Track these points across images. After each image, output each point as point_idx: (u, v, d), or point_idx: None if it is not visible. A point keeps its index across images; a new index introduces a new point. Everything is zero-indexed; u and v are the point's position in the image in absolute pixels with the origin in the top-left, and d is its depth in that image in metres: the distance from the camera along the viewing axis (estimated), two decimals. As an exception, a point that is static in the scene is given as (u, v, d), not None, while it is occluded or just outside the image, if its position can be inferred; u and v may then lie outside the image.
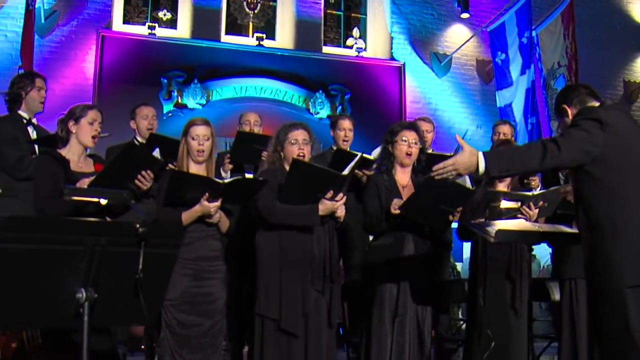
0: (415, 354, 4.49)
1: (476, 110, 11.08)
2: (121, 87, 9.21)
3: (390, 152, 4.69)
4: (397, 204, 4.41)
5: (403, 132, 4.65)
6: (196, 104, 9.60)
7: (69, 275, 2.18)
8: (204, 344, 4.12)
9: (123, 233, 2.24)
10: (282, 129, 4.48)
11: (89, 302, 2.19)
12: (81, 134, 4.16)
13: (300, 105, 10.14)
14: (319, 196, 4.21)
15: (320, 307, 4.30)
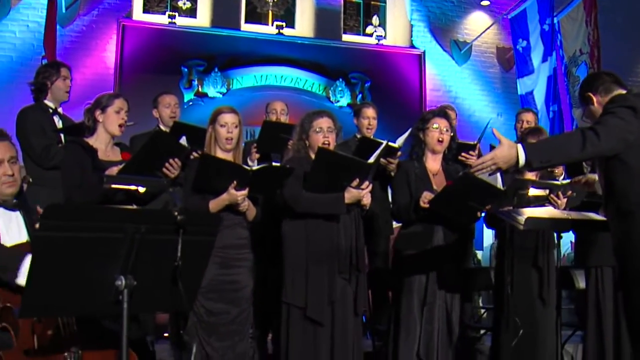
0: (443, 342, 4.47)
1: (496, 98, 11.02)
2: (142, 76, 9.23)
3: (422, 139, 4.67)
4: (427, 198, 4.38)
5: (434, 119, 4.63)
6: (217, 92, 9.61)
7: (109, 263, 2.19)
8: (231, 331, 4.13)
9: (162, 221, 2.25)
10: (307, 117, 4.46)
11: (128, 289, 2.20)
12: (108, 122, 4.17)
13: (321, 94, 10.12)
14: (345, 184, 4.19)
15: (347, 296, 4.29)
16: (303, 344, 4.23)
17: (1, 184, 3.07)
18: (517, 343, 4.57)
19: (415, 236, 4.58)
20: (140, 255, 2.22)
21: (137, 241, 2.20)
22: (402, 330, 4.50)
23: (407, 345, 4.47)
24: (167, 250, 2.27)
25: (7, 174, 3.06)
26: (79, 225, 2.08)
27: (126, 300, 2.19)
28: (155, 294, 2.34)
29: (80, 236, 2.09)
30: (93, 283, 2.20)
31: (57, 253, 2.10)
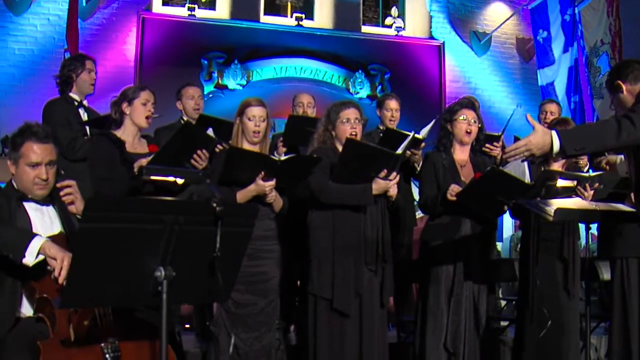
0: (471, 334, 4.47)
1: (516, 89, 10.98)
2: (162, 69, 9.26)
3: (450, 130, 4.65)
4: (454, 191, 4.37)
5: (462, 110, 4.61)
6: (236, 84, 9.63)
7: (148, 254, 2.20)
8: (259, 322, 4.14)
9: (201, 212, 2.26)
10: (333, 108, 4.44)
11: (167, 280, 2.21)
12: (135, 115, 4.19)
13: (340, 85, 10.12)
14: (372, 175, 4.19)
15: (373, 287, 4.29)
16: (330, 335, 4.24)
17: (33, 184, 3.07)
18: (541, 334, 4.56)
19: (443, 227, 4.57)
20: (178, 246, 2.23)
21: (176, 232, 2.21)
22: (429, 321, 4.49)
23: (434, 337, 4.46)
24: (205, 241, 2.28)
25: (41, 177, 3.06)
26: (120, 217, 2.09)
27: (165, 291, 2.20)
28: (193, 285, 2.36)
29: (121, 227, 2.10)
30: (132, 274, 2.21)
31: (98, 244, 2.12)
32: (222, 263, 2.29)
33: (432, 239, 4.60)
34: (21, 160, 3.05)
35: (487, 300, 4.74)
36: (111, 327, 2.77)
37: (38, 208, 3.11)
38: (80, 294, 2.16)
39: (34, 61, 9.35)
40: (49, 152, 3.10)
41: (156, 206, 2.20)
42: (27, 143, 3.06)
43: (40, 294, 2.80)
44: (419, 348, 4.59)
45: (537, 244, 4.68)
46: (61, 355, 2.64)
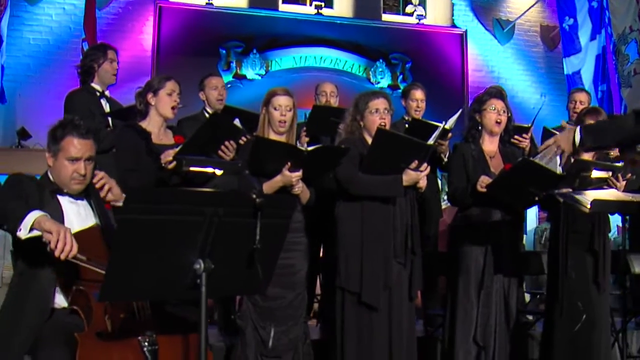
0: (501, 327, 4.46)
1: (540, 78, 10.91)
2: (180, 59, 9.28)
3: (479, 120, 4.65)
4: (484, 182, 4.37)
5: (491, 100, 4.60)
6: (255, 74, 9.64)
7: (187, 247, 2.22)
8: (286, 316, 4.15)
9: (240, 204, 2.27)
10: (361, 98, 4.43)
11: (206, 272, 2.22)
12: (160, 105, 4.21)
13: (361, 75, 10.11)
14: (403, 166, 4.18)
15: (402, 280, 4.29)
16: (358, 329, 4.25)
17: (71, 179, 3.08)
18: (571, 329, 4.54)
19: (472, 219, 4.58)
20: (217, 239, 2.24)
21: (215, 224, 2.22)
22: (458, 314, 4.50)
23: (463, 330, 4.47)
24: (244, 233, 2.30)
25: (79, 172, 3.07)
26: (161, 208, 2.10)
27: (204, 283, 2.22)
28: (231, 278, 2.37)
29: (161, 219, 2.11)
30: (171, 267, 2.22)
31: (138, 236, 2.13)
32: (261, 255, 2.30)
33: (461, 231, 4.60)
34: (60, 153, 3.07)
35: (516, 293, 4.74)
36: (149, 320, 2.79)
37: (72, 202, 3.13)
38: (119, 287, 2.17)
39: (49, 51, 9.40)
40: (89, 147, 3.11)
41: (196, 198, 2.21)
42: (68, 137, 3.07)
43: (78, 286, 2.82)
44: (448, 342, 4.60)
45: (566, 236, 4.66)
46: (98, 347, 2.66)
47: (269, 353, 4.14)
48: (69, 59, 9.27)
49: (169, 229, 2.15)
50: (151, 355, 2.66)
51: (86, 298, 2.77)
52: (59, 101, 8.87)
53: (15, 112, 9.17)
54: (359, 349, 4.25)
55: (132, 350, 2.67)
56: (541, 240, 8.96)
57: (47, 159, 3.12)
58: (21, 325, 2.82)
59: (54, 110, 8.82)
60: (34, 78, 9.28)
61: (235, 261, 2.33)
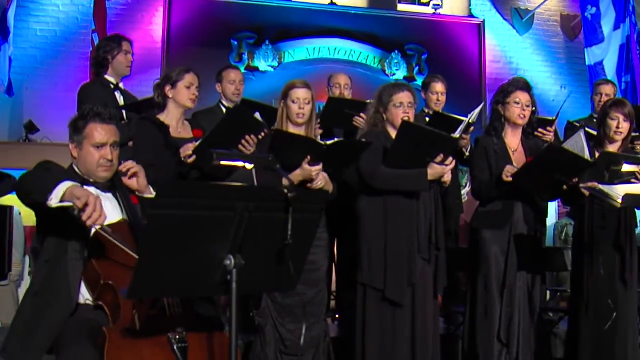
0: (525, 325, 4.48)
1: (560, 69, 10.86)
2: (190, 50, 9.28)
3: (501, 113, 4.65)
4: (510, 171, 4.38)
5: (516, 93, 4.60)
6: (268, 66, 9.63)
7: (218, 242, 2.23)
8: (307, 313, 4.19)
9: (271, 198, 2.29)
10: (385, 90, 4.45)
11: (237, 268, 2.24)
12: (178, 98, 4.23)
13: (375, 66, 10.09)
14: (427, 160, 4.19)
15: (426, 276, 4.32)
16: (380, 326, 4.27)
17: (98, 166, 3.10)
18: (597, 327, 4.54)
19: (494, 215, 4.60)
20: (248, 234, 2.26)
21: (246, 219, 2.24)
22: (479, 312, 4.53)
23: (486, 328, 4.49)
24: (275, 228, 2.31)
25: (106, 157, 3.10)
26: (192, 203, 2.12)
27: (235, 279, 2.23)
28: (261, 274, 2.39)
29: (192, 214, 2.13)
30: (201, 263, 2.24)
31: (168, 231, 2.15)
32: (292, 251, 2.31)
33: (483, 226, 4.62)
34: (85, 141, 3.10)
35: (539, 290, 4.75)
36: (179, 316, 2.81)
37: (99, 194, 3.10)
38: (148, 283, 2.19)
39: (56, 42, 9.40)
40: (113, 132, 3.17)
41: (228, 192, 2.23)
42: (90, 124, 3.12)
43: (105, 280, 2.84)
44: (469, 340, 4.61)
45: (592, 231, 4.66)
46: (127, 343, 2.67)
47: (289, 351, 4.17)
48: (76, 51, 9.31)
49: (200, 223, 2.17)
50: (180, 353, 2.67)
51: (113, 293, 2.79)
52: (66, 93, 8.97)
53: (22, 105, 9.19)
54: (381, 347, 4.27)
55: (161, 347, 2.69)
56: (561, 235, 8.95)
57: (71, 151, 3.16)
58: (44, 319, 2.84)
59: (62, 103, 8.93)
60: (41, 70, 9.30)
61: (266, 257, 2.35)
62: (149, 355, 2.68)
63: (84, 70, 9.06)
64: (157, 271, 2.19)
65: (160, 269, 2.19)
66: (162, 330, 2.71)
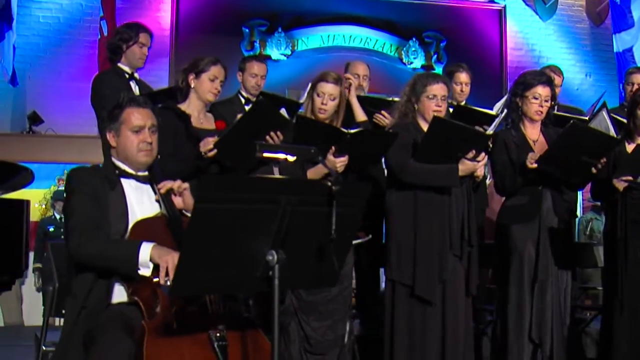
0: (557, 322, 4.48)
1: (585, 57, 10.86)
2: (200, 38, 9.32)
3: (519, 105, 4.65)
4: (534, 157, 4.39)
5: (537, 88, 4.55)
6: (280, 54, 9.66)
7: (261, 237, 2.26)
8: (332, 310, 4.20)
9: (315, 191, 2.31)
10: (420, 79, 4.45)
11: (279, 264, 2.27)
12: (200, 89, 4.22)
13: (392, 55, 10.12)
14: (459, 155, 4.21)
15: (458, 274, 4.33)
16: (409, 325, 4.28)
17: (138, 151, 3.15)
18: (633, 327, 4.54)
19: (521, 208, 4.58)
20: (291, 228, 2.28)
21: (289, 213, 2.26)
22: (510, 310, 4.51)
23: (517, 326, 4.47)
24: (318, 222, 2.33)
25: (146, 141, 3.15)
26: (236, 197, 2.15)
27: (277, 276, 2.26)
28: (302, 270, 2.41)
29: (236, 208, 2.16)
30: (243, 258, 2.27)
31: (212, 227, 2.17)
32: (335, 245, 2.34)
33: (511, 221, 4.60)
34: (123, 126, 3.15)
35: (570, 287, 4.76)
36: (219, 315, 2.83)
37: (138, 186, 3.20)
38: (190, 281, 2.22)
39: (59, 30, 9.45)
40: (150, 115, 3.22)
41: (271, 185, 2.25)
42: (127, 109, 3.17)
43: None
44: (500, 339, 4.62)
45: (626, 226, 4.66)
46: (166, 339, 2.69)
47: (314, 350, 4.19)
48: (81, 39, 9.36)
49: (243, 218, 2.19)
50: (221, 351, 2.69)
51: (151, 289, 2.81)
52: (71, 83, 9.03)
53: (24, 95, 9.24)
54: (410, 346, 4.28)
55: (201, 345, 2.71)
56: (586, 231, 8.97)
57: (110, 140, 3.20)
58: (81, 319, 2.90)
59: (67, 94, 8.96)
60: (44, 59, 9.35)
61: (308, 252, 2.37)
62: (188, 353, 2.69)
63: (89, 59, 9.11)
64: (199, 268, 2.22)
65: (203, 265, 2.22)
66: (202, 327, 2.73)
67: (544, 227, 4.53)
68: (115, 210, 3.06)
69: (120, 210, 3.07)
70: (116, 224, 3.02)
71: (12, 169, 3.96)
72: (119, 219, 3.04)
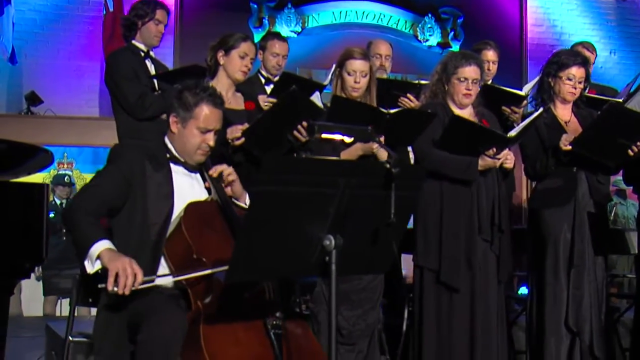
0: (595, 310, 4.53)
1: (609, 33, 10.83)
2: (206, 14, 9.31)
3: (551, 85, 4.68)
4: (568, 139, 4.42)
5: (572, 68, 4.60)
6: (290, 31, 9.63)
7: (318, 221, 2.30)
8: (363, 299, 4.25)
9: (374, 173, 2.34)
10: (452, 59, 4.46)
11: (337, 249, 2.30)
12: (230, 67, 4.25)
13: (407, 32, 10.11)
14: (481, 150, 4.26)
15: (488, 260, 4.37)
16: (437, 312, 4.34)
17: (197, 149, 3.20)
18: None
19: (555, 192, 4.63)
20: (348, 212, 2.32)
21: (347, 196, 2.30)
22: (547, 297, 4.56)
23: (554, 314, 4.53)
24: (375, 206, 2.37)
25: (207, 143, 3.19)
26: (296, 179, 2.18)
27: (334, 261, 2.29)
28: (357, 255, 2.44)
29: (295, 191, 2.19)
30: (299, 243, 2.32)
31: (271, 210, 2.23)
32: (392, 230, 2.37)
33: (544, 206, 4.65)
34: (192, 121, 3.18)
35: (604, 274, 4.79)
36: (275, 302, 2.91)
37: (186, 174, 3.26)
38: (247, 266, 2.26)
39: (57, 5, 9.38)
40: (220, 118, 3.26)
41: (332, 167, 2.29)
42: (202, 104, 3.19)
43: (199, 255, 2.91)
44: (537, 327, 4.64)
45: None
46: (221, 323, 2.76)
47: (345, 340, 4.23)
48: (81, 14, 9.32)
49: (302, 201, 2.24)
50: (276, 339, 2.75)
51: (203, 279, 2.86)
52: (70, 62, 9.00)
53: (21, 74, 9.21)
54: (438, 334, 4.34)
55: (256, 331, 2.78)
56: (610, 216, 9.01)
57: (171, 124, 3.24)
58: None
59: (65, 73, 8.94)
60: (41, 35, 9.28)
61: (363, 237, 2.41)
62: (244, 338, 2.76)
63: (89, 36, 9.09)
64: (257, 253, 2.27)
65: (259, 250, 2.27)
66: (258, 314, 2.80)
67: (580, 211, 4.58)
68: (159, 192, 3.12)
69: (165, 191, 3.13)
70: (159, 206, 3.08)
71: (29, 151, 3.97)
72: (162, 200, 3.10)
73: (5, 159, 3.78)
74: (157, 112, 4.93)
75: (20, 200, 3.64)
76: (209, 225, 3.05)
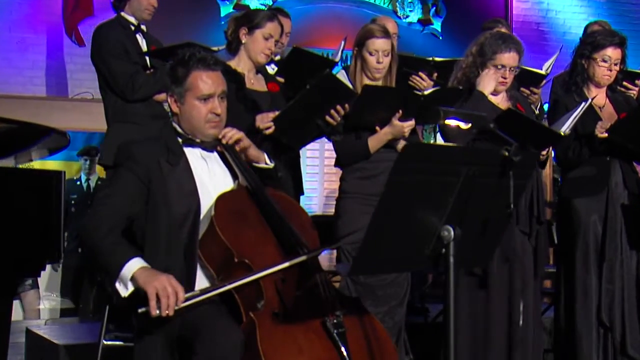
0: (629, 305, 4.68)
1: (598, 10, 10.91)
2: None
3: (585, 68, 4.78)
4: (604, 126, 4.54)
5: (607, 49, 4.69)
6: (260, 4, 9.62)
7: (438, 211, 2.38)
8: (389, 295, 4.33)
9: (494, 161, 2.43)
10: (490, 41, 4.46)
11: (456, 241, 2.39)
12: (252, 48, 4.26)
13: (386, 7, 10.14)
14: None
15: (526, 253, 4.47)
16: (472, 306, 4.42)
17: (205, 122, 3.16)
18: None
19: (587, 180, 4.75)
20: (466, 202, 2.40)
21: (467, 185, 2.38)
22: (578, 291, 4.70)
23: (585, 309, 4.66)
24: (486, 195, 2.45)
25: (215, 112, 3.15)
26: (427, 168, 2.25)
27: (452, 253, 2.38)
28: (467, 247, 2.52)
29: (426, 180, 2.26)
30: (418, 235, 2.38)
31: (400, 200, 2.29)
32: (503, 220, 2.47)
33: (575, 195, 4.77)
34: (189, 93, 3.15)
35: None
36: (333, 299, 2.92)
37: (204, 155, 3.23)
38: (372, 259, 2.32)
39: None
40: (220, 80, 3.21)
41: (455, 155, 2.36)
42: (193, 72, 3.15)
43: (241, 258, 2.92)
44: (567, 322, 4.77)
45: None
46: (279, 329, 2.78)
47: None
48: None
49: (428, 191, 2.31)
50: (340, 339, 2.78)
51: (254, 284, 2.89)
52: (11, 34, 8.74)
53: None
54: (473, 331, 4.43)
55: (316, 332, 2.80)
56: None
57: (171, 105, 3.22)
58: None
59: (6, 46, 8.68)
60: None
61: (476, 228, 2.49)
62: (305, 342, 2.77)
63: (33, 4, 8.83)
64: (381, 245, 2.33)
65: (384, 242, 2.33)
66: (314, 314, 2.83)
67: (612, 201, 4.70)
68: (182, 189, 3.09)
69: (189, 188, 3.10)
70: (184, 204, 3.06)
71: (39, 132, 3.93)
72: (188, 198, 3.08)
73: (14, 139, 3.76)
74: (148, 94, 4.96)
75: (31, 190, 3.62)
76: (244, 220, 3.06)
